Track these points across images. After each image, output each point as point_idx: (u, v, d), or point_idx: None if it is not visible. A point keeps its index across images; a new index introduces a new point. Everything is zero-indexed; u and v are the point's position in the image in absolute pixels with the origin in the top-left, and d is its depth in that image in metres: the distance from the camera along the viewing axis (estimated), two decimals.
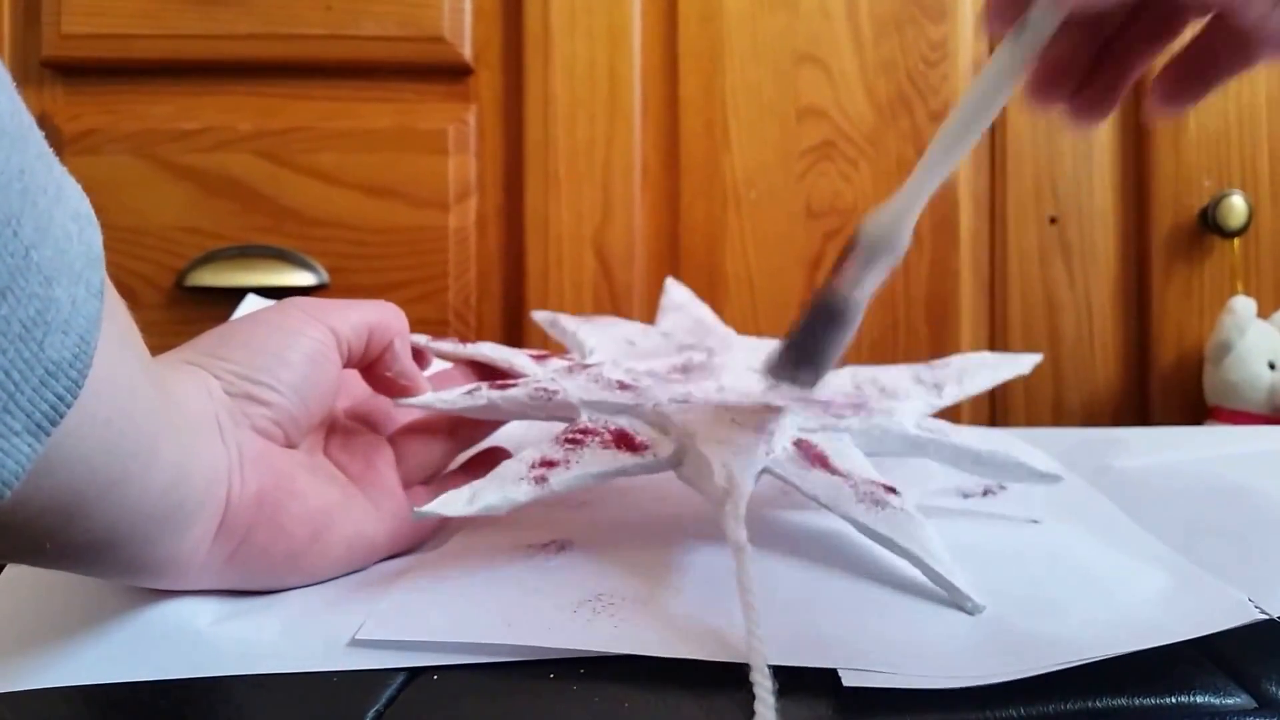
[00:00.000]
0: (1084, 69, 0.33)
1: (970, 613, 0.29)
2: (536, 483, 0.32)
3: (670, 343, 0.49)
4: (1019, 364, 0.46)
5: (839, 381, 0.44)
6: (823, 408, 0.40)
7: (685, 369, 0.44)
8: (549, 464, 0.33)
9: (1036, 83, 0.33)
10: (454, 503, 0.31)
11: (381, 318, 0.36)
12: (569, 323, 0.50)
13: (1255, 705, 0.26)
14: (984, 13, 0.32)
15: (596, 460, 0.34)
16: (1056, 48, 0.31)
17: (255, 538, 0.31)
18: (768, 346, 0.50)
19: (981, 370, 0.44)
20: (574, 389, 0.37)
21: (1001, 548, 0.35)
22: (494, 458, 0.41)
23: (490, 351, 0.41)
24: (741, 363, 0.46)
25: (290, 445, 0.33)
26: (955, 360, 0.47)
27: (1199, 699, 0.26)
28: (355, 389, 0.39)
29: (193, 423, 0.29)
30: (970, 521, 0.39)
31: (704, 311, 0.55)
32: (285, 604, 0.32)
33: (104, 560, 0.28)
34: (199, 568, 0.30)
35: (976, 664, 0.26)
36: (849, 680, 0.25)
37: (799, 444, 0.36)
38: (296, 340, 0.33)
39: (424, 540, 0.38)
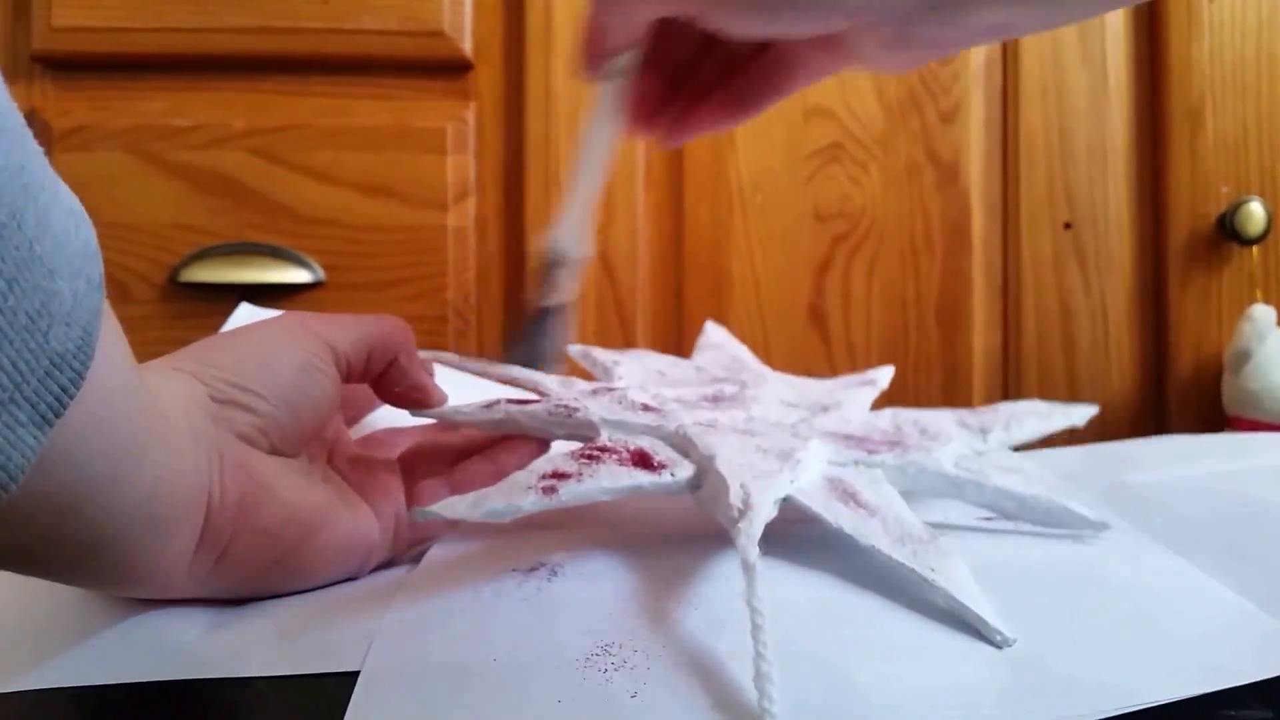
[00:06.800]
0: (664, 100, 0.40)
1: (999, 646, 0.28)
2: (545, 493, 0.30)
3: (703, 376, 0.48)
4: (1071, 414, 0.44)
5: (879, 421, 0.43)
6: (857, 443, 0.38)
7: (715, 399, 0.43)
8: (560, 476, 0.31)
9: (634, 115, 0.40)
10: (457, 506, 0.30)
11: (383, 334, 0.35)
12: (601, 355, 0.49)
13: None
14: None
15: (611, 476, 0.32)
16: (640, 85, 0.39)
17: (239, 545, 0.31)
18: (803, 384, 0.49)
19: (1030, 418, 0.43)
20: (596, 408, 0.37)
21: (1031, 566, 0.34)
22: (506, 447, 0.40)
23: (517, 372, 0.41)
24: (774, 396, 0.44)
25: (279, 455, 0.33)
26: (1003, 406, 0.46)
27: None
28: (365, 403, 0.40)
29: (176, 428, 0.29)
30: (995, 538, 0.37)
31: (741, 350, 0.54)
32: (277, 614, 0.31)
33: (90, 568, 0.28)
34: (183, 577, 0.30)
35: (1020, 709, 0.25)
36: None
37: (828, 478, 0.35)
38: (287, 350, 0.33)
39: (430, 542, 0.37)
